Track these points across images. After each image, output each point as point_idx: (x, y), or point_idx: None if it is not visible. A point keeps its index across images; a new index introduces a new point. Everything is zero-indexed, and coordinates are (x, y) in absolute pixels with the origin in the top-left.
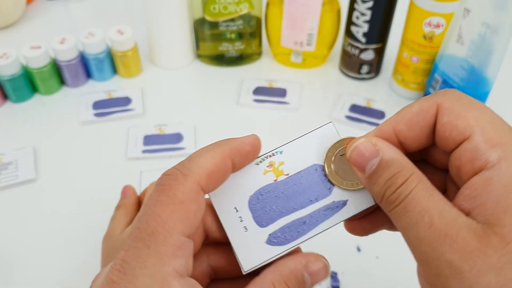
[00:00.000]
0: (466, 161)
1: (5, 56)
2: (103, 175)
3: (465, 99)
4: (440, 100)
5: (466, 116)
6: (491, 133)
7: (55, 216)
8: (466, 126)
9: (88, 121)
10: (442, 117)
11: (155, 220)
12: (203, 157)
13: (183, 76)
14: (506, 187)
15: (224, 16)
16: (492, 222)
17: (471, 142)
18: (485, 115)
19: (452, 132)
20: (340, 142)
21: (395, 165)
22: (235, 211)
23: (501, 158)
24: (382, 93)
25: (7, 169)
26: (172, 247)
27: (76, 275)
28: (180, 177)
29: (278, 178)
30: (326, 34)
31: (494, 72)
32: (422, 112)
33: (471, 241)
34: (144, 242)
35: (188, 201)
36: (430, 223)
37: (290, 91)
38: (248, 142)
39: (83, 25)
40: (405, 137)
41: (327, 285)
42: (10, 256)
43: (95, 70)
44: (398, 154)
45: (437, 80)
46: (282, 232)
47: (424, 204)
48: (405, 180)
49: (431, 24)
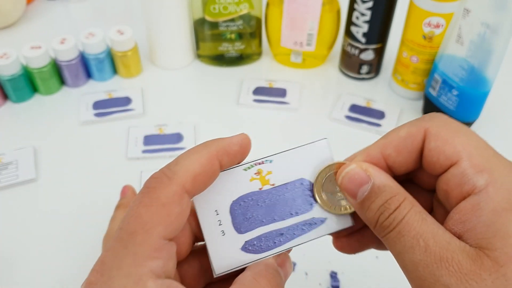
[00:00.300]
0: (454, 186)
1: (5, 56)
2: (103, 175)
3: (452, 124)
4: (427, 125)
5: (453, 142)
6: (478, 159)
7: (55, 216)
8: (454, 152)
9: (88, 121)
10: (429, 142)
11: (136, 221)
12: (189, 159)
13: (183, 76)
14: (494, 212)
15: (224, 16)
16: (483, 246)
17: (459, 168)
18: (472, 141)
19: (440, 157)
20: (330, 166)
21: (388, 190)
22: (215, 214)
23: (488, 183)
24: (382, 93)
25: (7, 169)
26: (150, 248)
27: (77, 275)
28: (165, 179)
29: (264, 187)
30: (326, 34)
31: (494, 72)
32: (410, 137)
33: (466, 264)
34: (122, 242)
35: (171, 204)
36: (425, 247)
37: (290, 91)
38: (236, 141)
39: (83, 25)
40: (394, 162)
41: (327, 285)
42: (10, 256)
43: (95, 70)
44: (389, 179)
45: (437, 80)
46: (258, 240)
47: (418, 228)
48: (399, 206)
49: (431, 24)
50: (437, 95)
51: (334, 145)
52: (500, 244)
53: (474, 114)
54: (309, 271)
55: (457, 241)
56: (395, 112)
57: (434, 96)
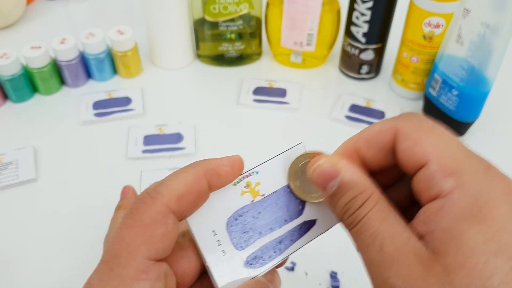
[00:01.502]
0: (423, 187)
1: (5, 56)
2: (103, 175)
3: (425, 124)
4: (400, 125)
5: (423, 143)
6: (448, 161)
7: (55, 216)
8: (423, 153)
9: (88, 121)
10: (401, 142)
11: (119, 243)
12: (175, 179)
13: (183, 76)
14: (454, 218)
15: (224, 16)
16: (438, 250)
17: (427, 170)
18: (443, 142)
19: (410, 158)
20: (305, 155)
21: (355, 187)
22: (213, 235)
23: (454, 187)
24: (382, 93)
25: (7, 169)
26: (135, 270)
27: (77, 275)
28: (148, 200)
29: (255, 199)
30: (326, 34)
31: (494, 72)
32: (380, 133)
33: (416, 268)
34: (108, 265)
35: (154, 224)
36: (381, 246)
37: (290, 91)
38: (226, 162)
39: (83, 25)
40: (364, 156)
41: (327, 285)
42: (10, 256)
43: (95, 70)
44: (358, 174)
45: (437, 80)
46: (260, 253)
47: (376, 227)
48: (363, 203)
49: (431, 24)
50: (437, 95)
51: (334, 145)
52: (453, 251)
53: (474, 114)
54: (309, 271)
55: (415, 243)
56: (395, 112)
57: (434, 96)
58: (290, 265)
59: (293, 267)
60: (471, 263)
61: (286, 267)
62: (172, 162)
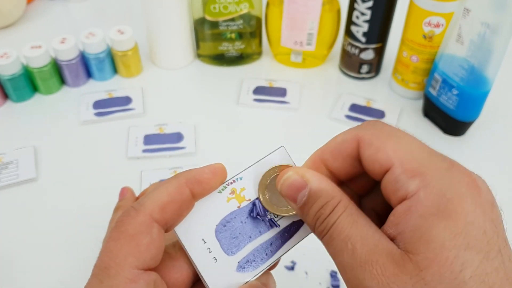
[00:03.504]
0: (390, 191)
1: (5, 56)
2: (103, 175)
3: (385, 130)
4: (361, 134)
5: (385, 149)
6: (410, 163)
7: (56, 215)
8: (386, 158)
9: (89, 120)
10: (364, 151)
11: (107, 255)
12: (158, 190)
13: (183, 76)
14: (421, 217)
15: (224, 15)
16: (409, 249)
17: (392, 174)
18: (404, 145)
19: (375, 165)
20: (274, 169)
21: (324, 195)
22: (203, 243)
23: (419, 187)
24: (382, 92)
25: (8, 168)
26: (124, 280)
27: (77, 274)
28: (132, 212)
29: (241, 204)
30: (326, 34)
31: (494, 72)
32: (343, 144)
33: (389, 267)
34: (98, 277)
35: (139, 234)
36: (353, 249)
37: (290, 90)
38: (207, 170)
39: (84, 25)
40: (331, 166)
41: (327, 284)
42: (11, 255)
43: (96, 70)
44: (325, 183)
45: (437, 79)
46: (251, 257)
47: (347, 231)
48: (332, 210)
49: (431, 23)
50: (437, 94)
51: None
52: (423, 248)
53: (474, 113)
54: (309, 271)
55: (386, 244)
56: (395, 111)
57: (434, 96)
58: (290, 265)
59: (293, 266)
60: (441, 258)
61: (286, 267)
62: (172, 162)
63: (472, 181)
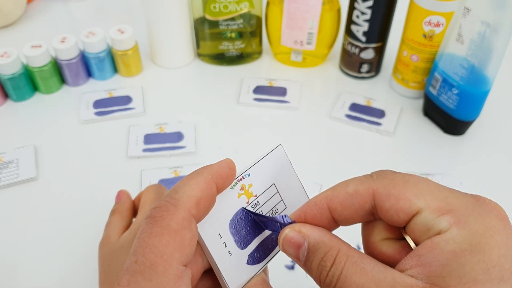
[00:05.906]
0: (420, 233)
1: (6, 55)
2: (103, 174)
3: (398, 179)
4: (375, 186)
5: (406, 197)
6: (436, 203)
7: (56, 214)
8: (410, 206)
9: (89, 120)
10: (383, 203)
11: (152, 252)
12: (189, 186)
13: (183, 75)
14: (453, 252)
15: (224, 15)
16: (437, 283)
17: (420, 218)
18: (423, 189)
19: (399, 214)
20: None
21: (322, 247)
22: (219, 237)
23: (451, 224)
24: (382, 92)
25: (8, 167)
26: (173, 277)
27: (77, 274)
28: (171, 207)
29: (250, 200)
30: (326, 33)
31: (494, 71)
32: (357, 196)
33: None
34: (144, 275)
35: (182, 229)
36: None
37: (290, 90)
38: (225, 165)
39: (84, 24)
40: (339, 216)
41: None
42: (11, 255)
43: (96, 69)
44: (322, 234)
45: (437, 79)
46: (258, 250)
47: (358, 281)
48: (334, 261)
49: (431, 23)
50: (437, 94)
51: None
52: (454, 282)
53: (474, 113)
54: None
55: (403, 279)
56: (395, 111)
57: (434, 95)
58: (290, 264)
59: (293, 265)
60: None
61: (287, 266)
62: (172, 161)
63: (499, 212)
